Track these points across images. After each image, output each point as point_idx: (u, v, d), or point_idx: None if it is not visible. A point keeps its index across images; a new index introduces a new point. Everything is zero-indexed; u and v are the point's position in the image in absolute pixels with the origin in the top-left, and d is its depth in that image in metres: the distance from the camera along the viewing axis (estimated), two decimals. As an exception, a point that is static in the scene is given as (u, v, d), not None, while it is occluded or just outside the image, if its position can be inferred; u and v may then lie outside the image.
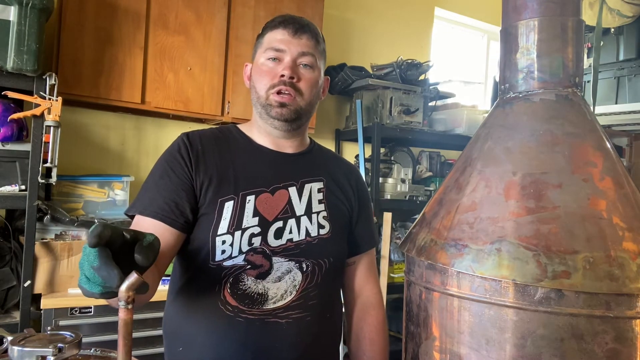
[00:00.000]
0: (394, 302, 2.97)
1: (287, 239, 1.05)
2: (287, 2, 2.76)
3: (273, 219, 1.06)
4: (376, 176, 2.92)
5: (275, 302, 1.02)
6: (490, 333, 0.65)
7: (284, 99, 1.07)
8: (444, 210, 0.75)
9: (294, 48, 1.08)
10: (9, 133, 1.99)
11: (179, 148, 1.07)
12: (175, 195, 1.02)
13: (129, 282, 0.63)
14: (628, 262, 0.61)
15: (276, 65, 1.08)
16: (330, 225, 1.11)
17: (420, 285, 0.76)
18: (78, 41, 2.23)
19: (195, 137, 1.10)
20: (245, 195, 1.05)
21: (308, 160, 1.18)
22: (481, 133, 0.80)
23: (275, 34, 1.10)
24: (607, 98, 3.44)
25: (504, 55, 0.79)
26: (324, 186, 1.15)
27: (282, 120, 1.09)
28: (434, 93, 3.17)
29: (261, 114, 1.11)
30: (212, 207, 1.03)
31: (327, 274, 1.09)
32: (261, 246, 1.03)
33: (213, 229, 1.01)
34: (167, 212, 1.00)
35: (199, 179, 1.04)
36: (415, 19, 3.68)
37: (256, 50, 1.14)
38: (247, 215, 1.03)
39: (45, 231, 2.14)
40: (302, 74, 1.09)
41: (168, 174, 1.04)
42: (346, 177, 1.22)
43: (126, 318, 0.63)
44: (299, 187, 1.12)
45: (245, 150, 1.13)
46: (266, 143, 1.14)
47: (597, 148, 0.71)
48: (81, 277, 0.70)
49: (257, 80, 1.10)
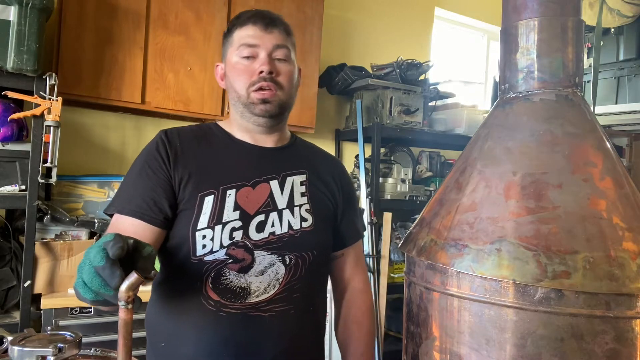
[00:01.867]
0: (394, 302, 2.97)
1: (269, 232, 1.05)
2: (287, 2, 2.76)
3: (254, 212, 1.05)
4: (376, 176, 2.92)
5: (258, 295, 1.02)
6: (490, 333, 0.65)
7: (265, 95, 1.06)
8: (444, 210, 0.75)
9: (267, 42, 1.07)
10: (9, 133, 1.99)
11: (156, 145, 1.07)
12: (153, 192, 1.01)
13: (129, 282, 0.64)
14: (628, 262, 0.61)
15: (252, 62, 1.07)
16: (313, 218, 1.11)
17: (420, 285, 0.76)
18: (78, 41, 2.23)
19: (174, 134, 1.10)
20: (225, 190, 1.05)
21: (290, 154, 1.18)
22: (481, 133, 0.80)
23: (245, 31, 1.08)
24: (607, 98, 3.44)
25: (504, 55, 0.79)
26: (306, 179, 1.15)
27: (266, 117, 1.09)
28: (434, 93, 3.17)
29: (243, 112, 1.10)
30: (191, 202, 1.02)
31: (310, 267, 1.08)
32: (242, 240, 1.02)
33: (193, 224, 1.01)
34: (145, 209, 1.00)
35: (178, 175, 1.04)
36: (415, 19, 3.68)
37: (226, 49, 1.13)
38: (228, 209, 1.03)
39: (45, 231, 2.14)
40: (280, 68, 1.08)
41: (146, 172, 1.04)
42: (330, 171, 1.22)
43: (126, 318, 0.63)
44: (281, 180, 1.11)
45: (225, 145, 1.13)
46: (246, 138, 1.14)
47: (597, 148, 0.71)
48: (78, 280, 0.71)
49: (235, 80, 1.09)
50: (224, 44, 1.14)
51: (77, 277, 0.71)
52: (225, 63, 1.14)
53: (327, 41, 3.08)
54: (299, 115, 2.82)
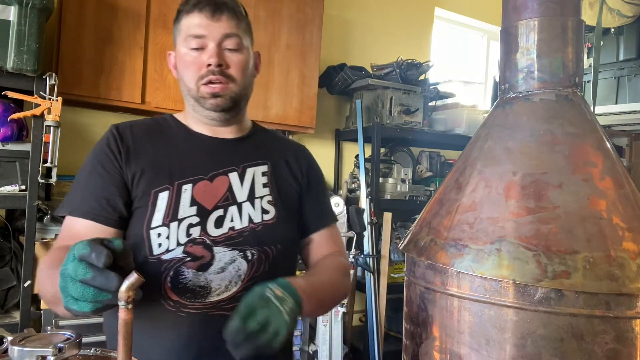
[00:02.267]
0: (394, 302, 2.97)
1: (229, 227, 1.00)
2: (287, 2, 2.76)
3: (213, 207, 1.01)
4: (376, 176, 2.92)
5: (219, 294, 0.97)
6: (490, 333, 0.65)
7: (215, 89, 1.01)
8: (444, 210, 0.75)
9: (215, 31, 1.00)
10: (9, 133, 1.99)
11: (107, 141, 1.01)
12: (105, 191, 0.97)
13: (129, 283, 0.63)
14: (628, 262, 0.61)
15: (200, 53, 1.01)
16: (276, 209, 1.06)
17: (420, 285, 0.76)
18: (78, 41, 2.22)
19: (126, 128, 1.05)
20: (181, 185, 1.00)
21: (250, 144, 1.12)
22: (481, 133, 0.80)
23: (191, 19, 1.01)
24: (607, 98, 3.44)
25: (504, 55, 0.79)
26: (268, 169, 1.10)
27: (218, 111, 1.04)
28: (434, 93, 3.17)
29: (194, 106, 1.05)
30: (145, 200, 0.98)
31: (275, 262, 1.03)
32: (200, 237, 0.97)
33: (147, 222, 0.96)
34: (98, 210, 0.95)
35: (130, 171, 0.99)
36: (415, 19, 3.68)
37: (176, 38, 1.06)
38: (184, 205, 0.98)
39: (45, 231, 2.14)
40: (230, 59, 1.02)
41: (97, 170, 0.99)
42: (294, 158, 1.17)
43: (126, 318, 0.63)
44: (241, 172, 1.06)
45: (181, 138, 1.07)
46: (203, 130, 1.09)
47: (597, 148, 0.71)
48: (67, 300, 0.67)
49: (184, 72, 1.03)
50: (174, 31, 1.07)
51: (63, 299, 0.67)
52: (176, 52, 1.07)
53: (327, 41, 3.08)
54: (299, 115, 2.82)
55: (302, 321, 2.59)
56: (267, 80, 2.71)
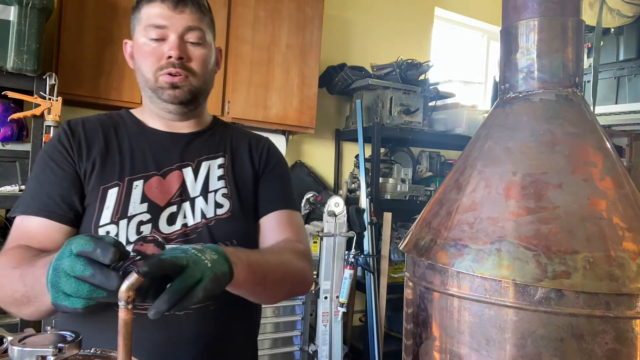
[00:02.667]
0: (394, 302, 2.97)
1: (182, 224, 0.97)
2: (287, 2, 2.76)
3: (165, 204, 0.97)
4: (376, 176, 2.92)
5: None
6: (490, 333, 0.64)
7: (174, 79, 0.97)
8: (444, 210, 0.75)
9: (177, 23, 0.97)
10: (9, 133, 1.99)
11: (59, 137, 0.99)
12: (59, 188, 0.94)
13: (129, 282, 0.63)
14: (628, 262, 0.61)
15: (160, 44, 0.98)
16: (231, 202, 1.02)
17: (420, 285, 0.75)
18: (78, 41, 2.23)
19: (78, 123, 1.02)
20: (131, 181, 0.97)
21: (207, 138, 1.09)
22: (481, 133, 0.80)
23: (152, 8, 0.98)
24: (607, 98, 3.44)
25: (504, 55, 0.79)
26: (225, 162, 1.06)
27: (176, 103, 1.00)
28: (434, 93, 3.17)
29: (152, 98, 1.01)
30: (94, 196, 0.95)
31: None
32: (152, 234, 0.94)
33: (95, 220, 0.93)
34: (52, 207, 0.92)
35: (82, 166, 0.96)
36: (415, 19, 3.68)
37: (134, 27, 1.02)
38: (134, 202, 0.95)
39: (45, 231, 2.14)
40: (192, 53, 0.99)
41: (50, 167, 0.96)
42: (255, 147, 1.13)
43: (126, 318, 0.63)
44: (195, 166, 1.03)
45: (134, 134, 1.04)
46: (159, 126, 1.06)
47: (597, 148, 0.71)
48: (57, 295, 0.65)
49: (142, 62, 0.99)
50: (132, 19, 1.03)
51: (52, 294, 0.65)
52: (133, 41, 1.03)
53: (327, 41, 3.08)
54: (299, 115, 2.82)
55: (302, 321, 2.59)
56: (267, 80, 2.71)
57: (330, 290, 2.60)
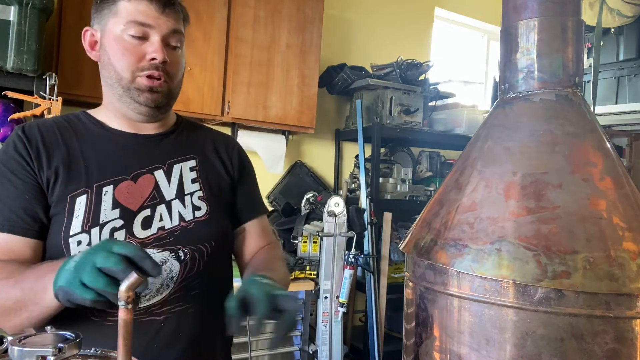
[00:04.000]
0: (394, 302, 2.97)
1: (158, 227, 0.95)
2: (287, 2, 2.76)
3: (138, 208, 0.95)
4: (376, 176, 2.92)
5: (150, 298, 0.91)
6: (490, 333, 0.65)
7: (155, 83, 0.95)
8: (444, 210, 0.75)
9: (163, 25, 0.95)
10: (9, 133, 1.99)
11: (14, 145, 0.93)
12: (21, 200, 0.89)
13: (129, 282, 0.64)
14: (628, 262, 0.61)
15: (141, 43, 0.95)
16: (208, 205, 1.02)
17: (420, 285, 0.75)
18: (78, 41, 2.21)
19: (33, 129, 0.96)
20: (100, 187, 0.93)
21: (175, 139, 1.07)
22: (481, 133, 0.80)
23: (136, 4, 0.94)
24: (607, 98, 3.44)
25: (504, 55, 0.79)
26: (197, 164, 1.05)
27: (151, 107, 0.97)
28: (434, 93, 3.17)
29: (122, 97, 0.97)
30: (61, 206, 0.91)
31: (210, 260, 0.99)
32: (126, 240, 0.91)
33: (64, 230, 0.90)
34: (15, 221, 0.88)
35: (44, 175, 0.92)
36: (415, 19, 3.68)
37: (105, 17, 0.97)
38: (105, 208, 0.92)
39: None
40: (172, 56, 0.98)
41: (8, 179, 0.91)
42: (224, 149, 1.13)
43: (126, 318, 0.63)
44: (167, 169, 1.01)
45: (97, 136, 1.00)
46: (122, 126, 1.02)
47: (597, 148, 0.71)
48: (73, 281, 0.67)
49: (118, 59, 0.95)
50: (101, 7, 0.98)
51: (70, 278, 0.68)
52: (102, 32, 0.98)
53: (327, 41, 3.08)
54: (299, 115, 2.82)
55: (302, 321, 2.59)
56: (267, 80, 2.71)
57: (330, 290, 2.60)
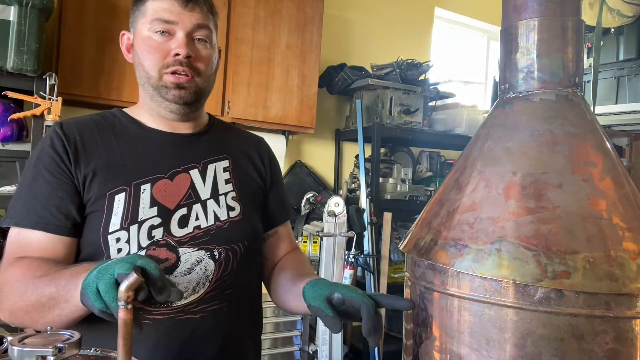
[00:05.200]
0: (394, 302, 2.97)
1: (194, 227, 0.95)
2: (287, 2, 2.76)
3: (175, 206, 0.95)
4: (376, 176, 2.92)
5: (187, 297, 0.92)
6: (490, 333, 0.65)
7: (180, 79, 0.95)
8: (444, 210, 0.75)
9: (187, 20, 0.95)
10: (9, 133, 1.99)
11: (51, 142, 0.94)
12: (54, 197, 0.90)
13: (128, 282, 0.64)
14: (628, 262, 0.61)
15: (166, 40, 0.95)
16: (241, 205, 1.03)
17: (420, 285, 0.75)
18: (78, 41, 2.22)
19: (71, 126, 0.97)
20: (139, 185, 0.94)
21: (209, 139, 1.08)
22: (481, 133, 0.80)
23: (161, 2, 0.95)
24: (607, 98, 3.44)
25: (504, 55, 0.79)
26: (229, 164, 1.06)
27: (180, 104, 0.98)
28: (434, 93, 3.17)
29: (153, 96, 0.99)
30: (100, 203, 0.91)
31: (242, 259, 1.00)
32: (164, 238, 0.92)
33: (103, 227, 0.90)
34: (48, 219, 0.88)
35: (80, 173, 0.92)
36: (415, 19, 3.68)
37: (136, 19, 0.99)
38: (144, 206, 0.93)
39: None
40: (199, 51, 0.97)
41: (43, 176, 0.91)
42: (255, 150, 1.14)
43: (126, 318, 0.63)
44: (202, 168, 1.02)
45: (134, 135, 1.01)
46: (158, 125, 1.03)
47: (597, 148, 0.71)
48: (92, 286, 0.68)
49: (145, 58, 0.96)
50: (134, 10, 1.00)
51: (92, 282, 0.68)
52: (134, 34, 1.00)
53: (327, 41, 3.08)
54: (299, 115, 2.82)
55: (302, 321, 2.59)
56: (267, 80, 2.71)
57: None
